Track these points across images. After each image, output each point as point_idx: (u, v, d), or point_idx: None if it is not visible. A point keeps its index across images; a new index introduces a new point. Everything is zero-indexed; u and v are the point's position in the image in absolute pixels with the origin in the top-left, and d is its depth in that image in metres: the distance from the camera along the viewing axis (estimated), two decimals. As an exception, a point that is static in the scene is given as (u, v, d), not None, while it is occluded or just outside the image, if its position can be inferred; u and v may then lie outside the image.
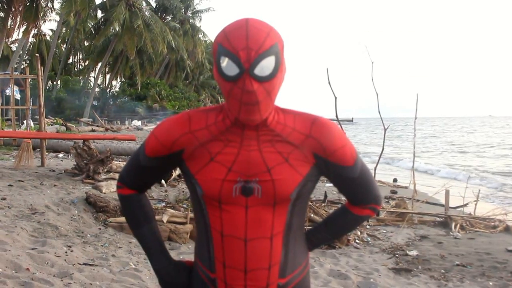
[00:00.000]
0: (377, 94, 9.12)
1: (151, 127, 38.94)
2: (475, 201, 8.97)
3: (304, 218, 1.54)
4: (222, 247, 1.44)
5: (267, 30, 1.33)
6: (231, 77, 1.32)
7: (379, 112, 9.10)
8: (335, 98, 8.68)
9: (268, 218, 1.42)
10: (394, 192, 11.57)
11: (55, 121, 30.00)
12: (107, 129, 29.29)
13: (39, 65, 11.77)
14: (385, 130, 9.24)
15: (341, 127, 8.88)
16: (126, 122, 42.51)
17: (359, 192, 1.54)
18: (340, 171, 1.48)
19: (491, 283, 5.22)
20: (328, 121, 1.48)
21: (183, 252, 5.66)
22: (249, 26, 1.31)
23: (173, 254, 5.52)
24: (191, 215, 6.27)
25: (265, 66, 1.30)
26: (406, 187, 12.74)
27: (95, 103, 49.49)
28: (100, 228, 5.99)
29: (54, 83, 49.19)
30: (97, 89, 50.35)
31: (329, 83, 8.41)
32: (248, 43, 1.29)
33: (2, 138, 14.07)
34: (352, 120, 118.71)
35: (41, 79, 11.47)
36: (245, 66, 1.29)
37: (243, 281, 1.45)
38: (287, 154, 1.42)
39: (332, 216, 1.66)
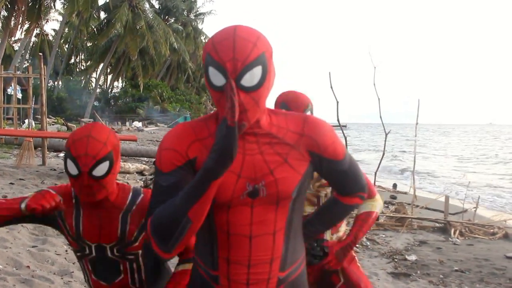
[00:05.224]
0: (378, 99, 9.12)
1: (151, 128, 38.92)
2: (474, 207, 8.98)
3: (302, 215, 1.59)
4: (227, 245, 1.47)
5: (254, 39, 1.34)
6: (219, 87, 1.33)
7: (380, 117, 9.09)
8: (337, 102, 8.66)
9: (271, 215, 1.46)
10: (393, 197, 11.57)
11: (56, 121, 29.97)
12: (108, 130, 29.21)
13: (42, 64, 11.78)
14: (386, 135, 9.24)
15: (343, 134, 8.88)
16: (127, 123, 42.51)
17: (349, 182, 1.62)
18: (332, 165, 1.54)
19: (489, 289, 5.24)
20: (318, 119, 1.53)
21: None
22: (236, 36, 1.32)
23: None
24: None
25: (251, 77, 1.32)
26: (405, 193, 12.75)
27: (96, 103, 49.46)
28: (100, 228, 5.99)
29: (56, 83, 49.21)
30: (98, 90, 50.37)
31: (331, 87, 8.40)
32: (234, 54, 1.30)
33: (3, 137, 14.10)
34: (345, 126, 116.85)
35: (44, 78, 11.50)
36: (231, 77, 1.30)
37: (246, 275, 1.47)
38: (286, 154, 1.46)
39: (323, 208, 1.77)
